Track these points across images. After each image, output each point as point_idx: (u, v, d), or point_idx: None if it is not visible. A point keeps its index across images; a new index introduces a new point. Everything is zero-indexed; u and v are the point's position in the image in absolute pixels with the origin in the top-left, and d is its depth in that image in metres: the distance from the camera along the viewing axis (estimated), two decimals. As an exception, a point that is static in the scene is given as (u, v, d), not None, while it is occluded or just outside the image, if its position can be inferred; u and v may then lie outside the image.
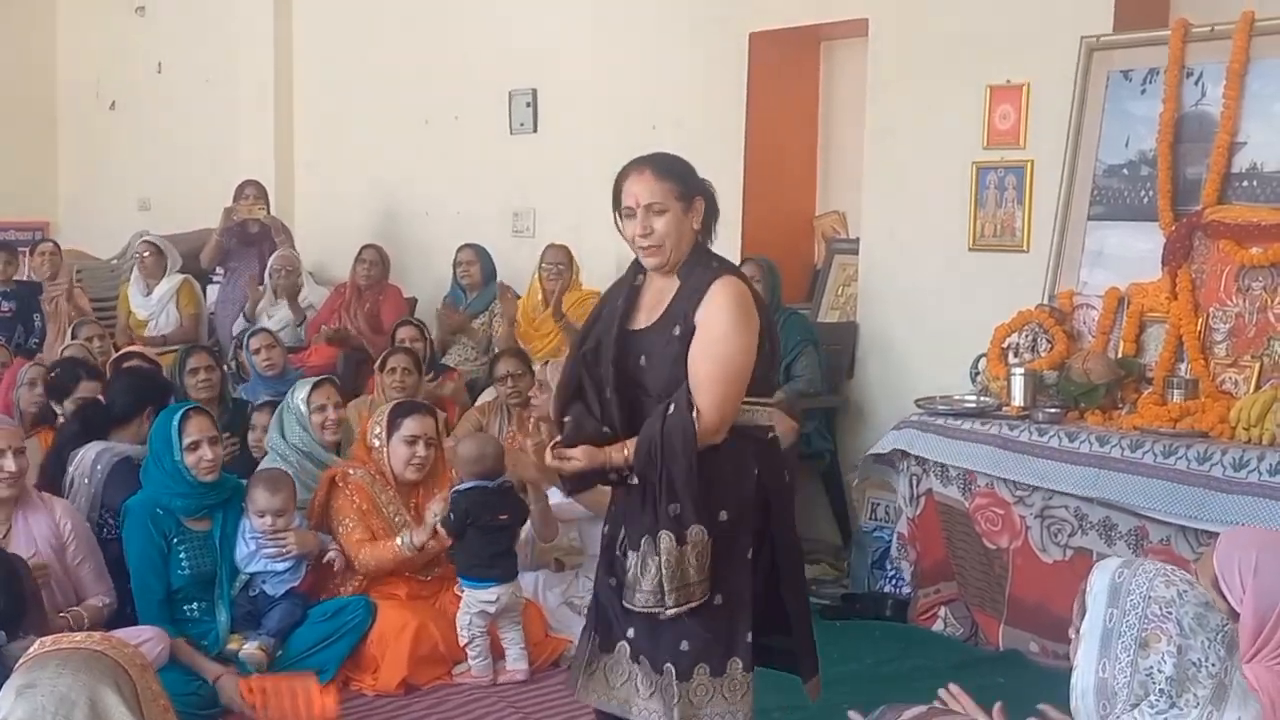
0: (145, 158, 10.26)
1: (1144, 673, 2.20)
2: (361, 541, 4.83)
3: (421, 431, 4.95)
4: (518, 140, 8.10)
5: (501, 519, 4.74)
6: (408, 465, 4.94)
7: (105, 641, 2.40)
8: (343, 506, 4.90)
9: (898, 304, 6.30)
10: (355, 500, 4.91)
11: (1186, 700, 2.18)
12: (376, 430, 5.01)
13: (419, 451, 4.93)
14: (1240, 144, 4.98)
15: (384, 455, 4.97)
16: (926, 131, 6.11)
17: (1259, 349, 4.79)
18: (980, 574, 5.16)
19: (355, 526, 4.86)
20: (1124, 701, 2.21)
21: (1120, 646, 2.22)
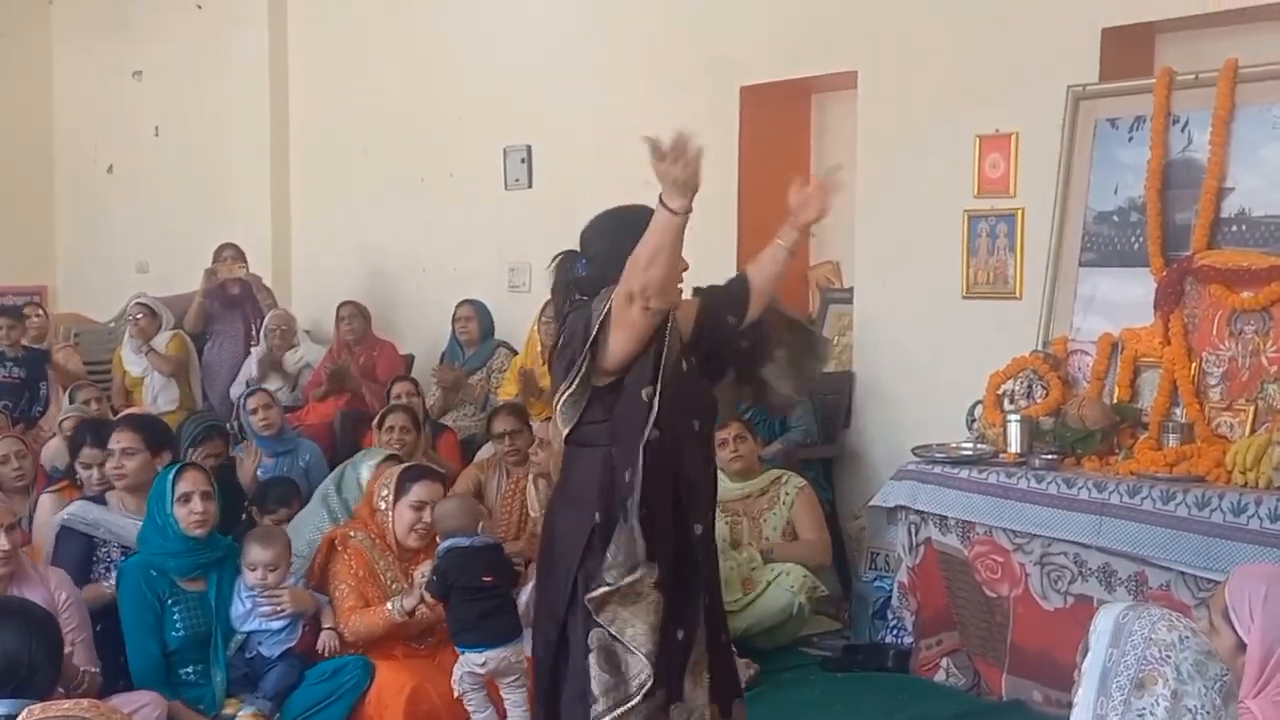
0: (142, 221, 10.31)
1: (1136, 713, 2.19)
2: (354, 609, 4.75)
3: (430, 497, 4.87)
4: (513, 196, 8.15)
5: (485, 580, 4.58)
6: (411, 531, 4.88)
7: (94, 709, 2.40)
8: (339, 571, 4.83)
9: (893, 353, 6.32)
10: (352, 565, 4.84)
11: (1178, 747, 2.18)
12: (384, 492, 4.95)
13: (425, 518, 4.85)
14: (1228, 189, 5.02)
15: (388, 519, 4.91)
16: (918, 181, 6.15)
17: (1253, 392, 4.80)
18: (981, 623, 5.14)
19: (349, 594, 4.78)
20: (1115, 739, 2.21)
21: (1116, 686, 2.22)
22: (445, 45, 8.53)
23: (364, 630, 4.74)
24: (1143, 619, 2.27)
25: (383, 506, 4.93)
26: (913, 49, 6.20)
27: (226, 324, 8.28)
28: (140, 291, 8.85)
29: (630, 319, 3.28)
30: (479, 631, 4.55)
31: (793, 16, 6.69)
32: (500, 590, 4.63)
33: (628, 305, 3.27)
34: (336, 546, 4.90)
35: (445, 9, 8.58)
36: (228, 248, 8.38)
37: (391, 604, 4.73)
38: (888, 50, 6.31)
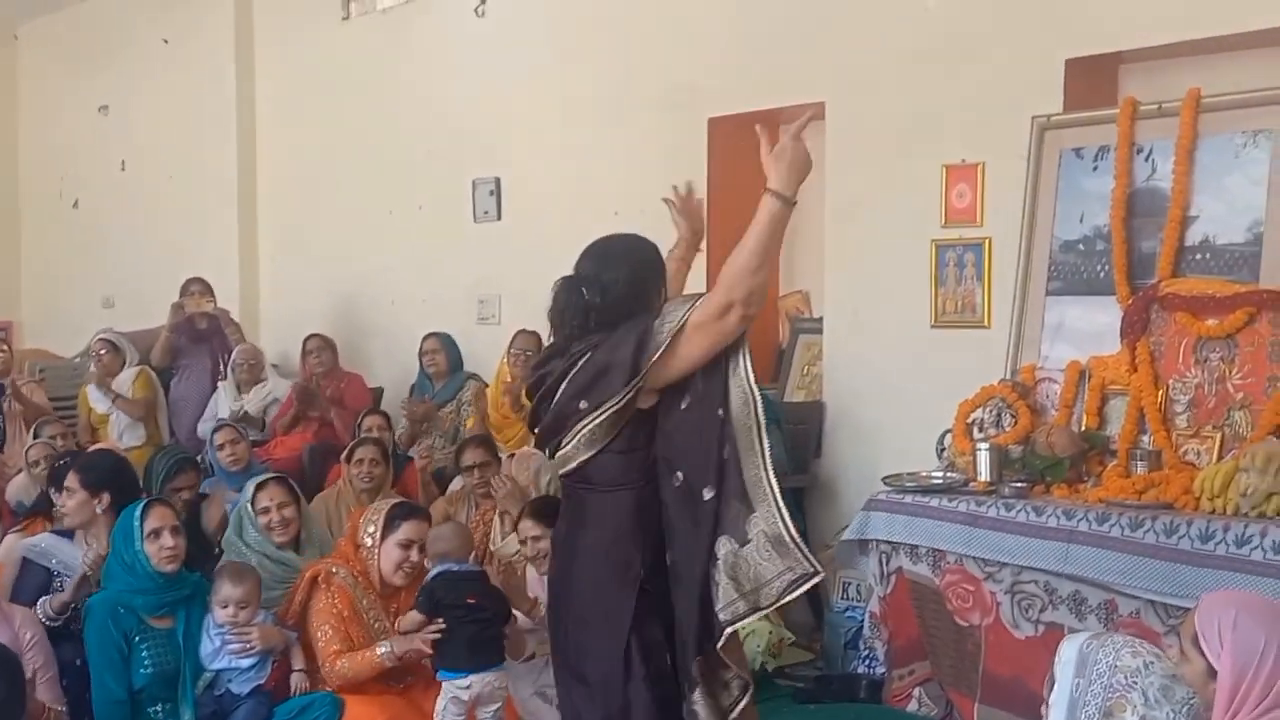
0: (109, 255, 10.27)
1: (1105, 740, 2.20)
2: (339, 653, 4.66)
3: (418, 537, 4.80)
4: (482, 228, 8.15)
5: (469, 602, 4.62)
6: (398, 569, 4.82)
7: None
8: (322, 611, 4.72)
9: (863, 382, 6.34)
10: (336, 605, 4.74)
11: (1148, 770, 2.18)
12: (370, 529, 4.87)
13: (412, 557, 4.79)
14: (1192, 218, 5.06)
15: (374, 556, 4.85)
16: (886, 211, 6.18)
17: (1219, 419, 4.82)
18: (953, 652, 5.14)
19: (333, 636, 4.68)
20: (1086, 770, 2.21)
21: (1085, 715, 2.22)
22: (413, 78, 8.54)
23: (351, 674, 4.64)
24: (1106, 647, 2.28)
25: (369, 543, 4.86)
26: (879, 80, 6.25)
27: (193, 358, 8.24)
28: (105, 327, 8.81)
29: (720, 330, 3.19)
30: (463, 656, 4.55)
31: (760, 48, 6.73)
32: (485, 615, 4.62)
33: (721, 316, 3.18)
34: (319, 583, 4.82)
35: (413, 42, 8.60)
36: (195, 282, 8.35)
37: (383, 648, 4.66)
38: (855, 81, 6.35)
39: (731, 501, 3.27)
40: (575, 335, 3.40)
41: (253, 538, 5.19)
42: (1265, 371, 4.72)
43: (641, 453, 3.36)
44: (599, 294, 3.36)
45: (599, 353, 3.33)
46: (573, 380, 3.35)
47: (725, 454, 3.27)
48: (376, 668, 4.64)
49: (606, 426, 3.31)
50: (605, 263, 3.43)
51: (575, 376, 3.35)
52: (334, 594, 4.76)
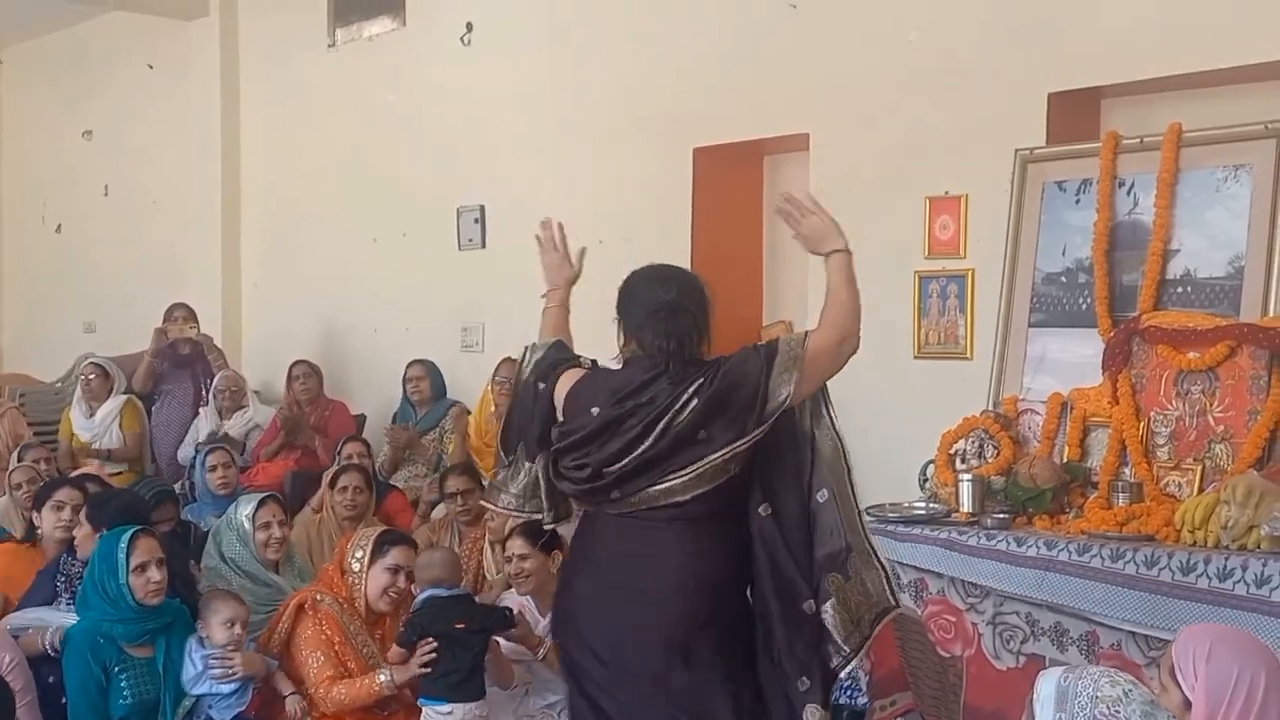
0: (91, 280, 10.25)
1: (1094, 773, 2.20)
2: (333, 679, 4.67)
3: (406, 563, 4.85)
4: (466, 256, 8.15)
5: (458, 627, 4.63)
6: (383, 595, 4.84)
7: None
8: (311, 638, 4.74)
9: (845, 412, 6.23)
10: (326, 633, 4.75)
11: (1135, 798, 2.18)
12: (359, 554, 4.89)
13: (399, 583, 4.83)
14: (1174, 251, 5.08)
15: (361, 581, 4.86)
16: (869, 242, 6.12)
17: (1200, 452, 4.84)
18: (935, 683, 5.13)
19: (325, 663, 4.69)
20: (1074, 804, 2.21)
21: (1069, 750, 2.22)
22: (399, 106, 8.55)
23: (348, 701, 4.65)
24: (1084, 680, 2.28)
25: (356, 568, 4.87)
26: (864, 112, 6.28)
27: (175, 384, 8.22)
28: (89, 352, 8.79)
29: (836, 360, 3.50)
30: (446, 685, 4.55)
31: (745, 79, 6.77)
32: (476, 639, 4.64)
33: (839, 345, 3.47)
34: (306, 610, 4.81)
35: (399, 70, 8.62)
36: (179, 307, 8.33)
37: (384, 676, 4.64)
38: (839, 113, 6.38)
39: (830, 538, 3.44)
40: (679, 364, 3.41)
41: (239, 553, 5.21)
42: (1246, 405, 4.74)
43: (739, 482, 3.40)
44: (703, 322, 3.49)
45: (720, 382, 3.35)
46: (692, 411, 3.33)
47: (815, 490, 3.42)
48: (375, 695, 4.65)
49: (728, 463, 3.34)
50: (693, 291, 3.56)
51: (696, 407, 3.33)
52: (321, 621, 4.77)
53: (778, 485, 3.43)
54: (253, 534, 5.24)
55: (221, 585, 5.06)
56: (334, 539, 5.89)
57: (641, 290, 3.57)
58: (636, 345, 3.52)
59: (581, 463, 3.43)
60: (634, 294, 3.57)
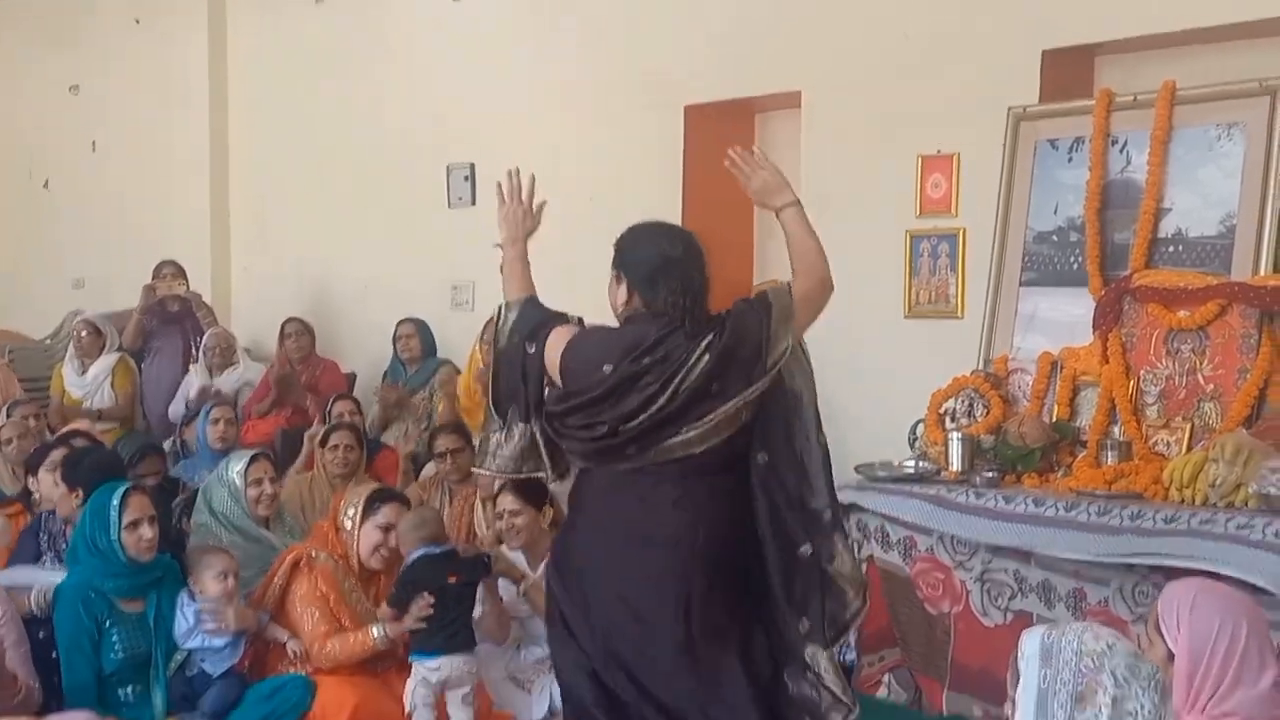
0: (79, 236, 10.17)
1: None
2: (328, 635, 4.70)
3: (397, 520, 4.86)
4: (456, 214, 8.12)
5: (451, 581, 4.67)
6: (374, 552, 4.86)
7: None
8: (307, 595, 4.76)
9: (835, 371, 6.29)
10: (320, 589, 4.77)
11: (1121, 749, 2.20)
12: (350, 512, 4.91)
13: (390, 541, 4.84)
14: (1166, 210, 5.09)
15: (354, 539, 4.88)
16: (860, 201, 6.19)
17: (1189, 410, 4.86)
18: (923, 639, 5.17)
19: (320, 619, 4.72)
20: (1059, 759, 2.22)
21: (1057, 704, 2.23)
22: (388, 63, 8.49)
23: (343, 656, 4.68)
24: (1068, 635, 2.30)
25: (348, 526, 4.90)
26: (856, 69, 6.25)
27: (165, 341, 8.19)
28: (78, 309, 8.76)
29: (820, 305, 3.50)
30: (437, 638, 4.59)
31: (736, 36, 6.73)
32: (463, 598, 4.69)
33: (821, 292, 3.49)
34: (301, 567, 4.84)
35: (388, 26, 8.55)
36: (167, 264, 8.30)
37: (376, 630, 4.68)
38: (831, 70, 6.35)
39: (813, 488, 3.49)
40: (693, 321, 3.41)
41: (230, 509, 5.22)
42: (1235, 363, 4.76)
43: (747, 433, 3.43)
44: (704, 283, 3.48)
45: (728, 337, 3.37)
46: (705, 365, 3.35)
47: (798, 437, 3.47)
48: (369, 650, 4.69)
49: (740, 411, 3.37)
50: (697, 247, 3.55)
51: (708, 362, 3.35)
52: (317, 578, 4.80)
53: (772, 432, 3.46)
54: (244, 490, 5.25)
55: (212, 541, 5.08)
56: (325, 497, 5.90)
57: (648, 246, 3.54)
58: (644, 301, 3.48)
59: (594, 421, 3.41)
60: (640, 249, 3.54)
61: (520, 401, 3.54)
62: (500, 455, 3.61)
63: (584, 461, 3.57)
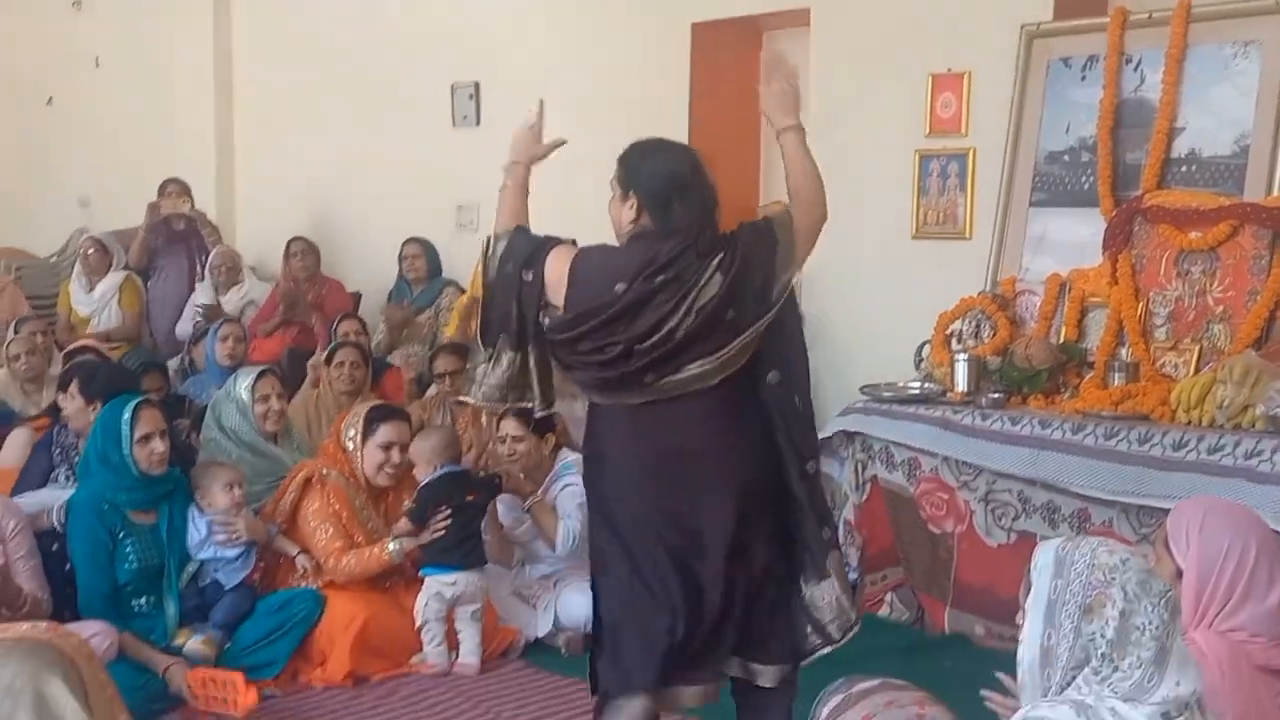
0: (84, 154, 10.12)
1: (1086, 638, 2.22)
2: (343, 550, 4.75)
3: (397, 438, 4.90)
4: (461, 133, 8.06)
5: (470, 499, 4.77)
6: (380, 471, 4.90)
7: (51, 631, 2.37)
8: (319, 510, 4.81)
9: (841, 293, 6.32)
10: (333, 505, 4.82)
11: (1129, 663, 2.20)
12: (351, 432, 4.94)
13: (393, 458, 4.88)
14: (1179, 129, 5.05)
15: (358, 459, 4.92)
16: (869, 120, 6.14)
17: (1198, 332, 4.86)
18: (926, 559, 5.20)
19: (334, 535, 4.77)
20: (1064, 666, 2.23)
21: (1065, 615, 2.24)
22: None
23: (358, 571, 4.75)
24: (1082, 548, 2.30)
25: (350, 446, 4.93)
26: (866, -15, 6.17)
27: (170, 259, 8.18)
28: (84, 227, 8.74)
29: (816, 234, 3.48)
30: (453, 554, 4.68)
31: (746, -49, 6.64)
32: (476, 517, 4.79)
33: (819, 221, 3.46)
34: (313, 484, 4.87)
35: (394, -58, 8.45)
36: (172, 182, 8.26)
37: (393, 545, 4.74)
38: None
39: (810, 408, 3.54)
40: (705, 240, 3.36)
41: (238, 425, 5.24)
42: (1246, 285, 4.75)
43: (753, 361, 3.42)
44: (714, 201, 3.44)
45: (740, 263, 3.33)
46: (718, 288, 3.31)
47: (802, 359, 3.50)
48: (384, 564, 4.75)
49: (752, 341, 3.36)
50: (704, 166, 3.47)
51: (721, 285, 3.31)
52: (329, 495, 4.84)
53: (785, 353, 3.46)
54: (251, 406, 5.26)
55: (221, 456, 5.10)
56: (331, 415, 5.92)
57: (659, 163, 3.45)
58: (655, 219, 3.39)
59: (607, 343, 3.35)
60: (648, 167, 3.45)
61: (511, 330, 3.46)
62: (486, 384, 3.53)
63: (598, 393, 3.48)
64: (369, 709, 4.45)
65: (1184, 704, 2.19)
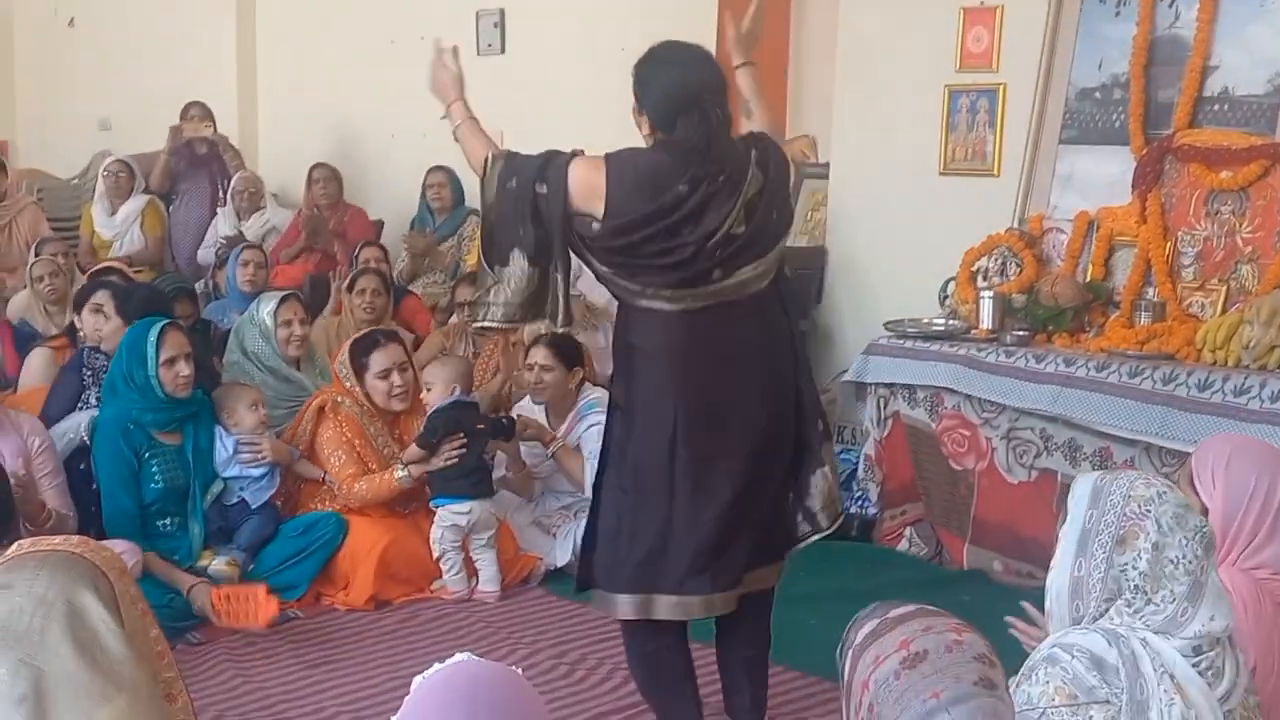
0: (106, 77, 10.07)
1: (1118, 568, 2.22)
2: (355, 476, 4.80)
3: (392, 362, 4.91)
4: (485, 62, 7.99)
5: (480, 428, 4.80)
6: (390, 398, 4.92)
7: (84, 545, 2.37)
8: (332, 438, 4.86)
9: (867, 228, 6.29)
10: (346, 434, 4.87)
11: (1163, 597, 2.21)
12: (343, 372, 4.96)
13: (396, 381, 4.90)
14: (1213, 67, 4.98)
15: (360, 393, 4.94)
16: (899, 55, 6.07)
17: (1226, 272, 4.82)
18: (946, 495, 5.21)
19: (347, 461, 4.82)
20: (1096, 597, 2.24)
21: (1098, 544, 2.24)
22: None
23: (370, 497, 4.80)
24: (1120, 480, 2.30)
25: (349, 385, 4.94)
26: (899, -86, 6.08)
27: (192, 184, 8.16)
28: (106, 150, 8.71)
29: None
30: (463, 484, 4.71)
31: (777, -118, 6.55)
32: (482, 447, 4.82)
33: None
34: (326, 413, 4.91)
35: None
36: (194, 106, 8.23)
37: (401, 472, 4.77)
38: (873, -82, 6.19)
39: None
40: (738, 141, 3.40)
41: (261, 349, 5.28)
42: (1275, 225, 4.71)
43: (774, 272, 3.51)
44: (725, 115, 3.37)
45: (773, 168, 3.38)
46: (760, 188, 3.33)
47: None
48: (395, 491, 4.78)
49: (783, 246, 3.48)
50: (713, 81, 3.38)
51: (762, 184, 3.33)
52: (341, 423, 4.88)
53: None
54: (275, 331, 5.28)
55: (244, 380, 5.12)
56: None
57: (667, 77, 3.36)
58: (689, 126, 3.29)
59: (677, 244, 3.30)
60: (656, 81, 3.37)
61: (528, 245, 3.40)
62: (501, 304, 3.47)
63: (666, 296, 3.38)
64: (390, 632, 4.50)
65: (1215, 639, 2.20)
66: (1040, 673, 2.19)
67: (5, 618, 2.21)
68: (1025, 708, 2.14)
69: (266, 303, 5.38)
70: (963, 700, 1.72)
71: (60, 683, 2.15)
